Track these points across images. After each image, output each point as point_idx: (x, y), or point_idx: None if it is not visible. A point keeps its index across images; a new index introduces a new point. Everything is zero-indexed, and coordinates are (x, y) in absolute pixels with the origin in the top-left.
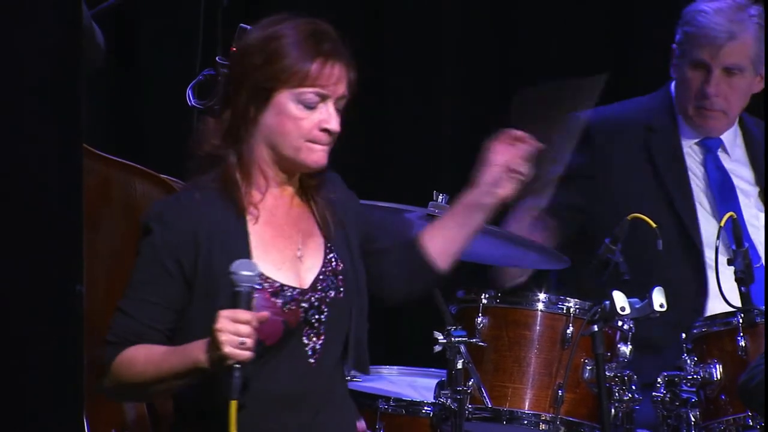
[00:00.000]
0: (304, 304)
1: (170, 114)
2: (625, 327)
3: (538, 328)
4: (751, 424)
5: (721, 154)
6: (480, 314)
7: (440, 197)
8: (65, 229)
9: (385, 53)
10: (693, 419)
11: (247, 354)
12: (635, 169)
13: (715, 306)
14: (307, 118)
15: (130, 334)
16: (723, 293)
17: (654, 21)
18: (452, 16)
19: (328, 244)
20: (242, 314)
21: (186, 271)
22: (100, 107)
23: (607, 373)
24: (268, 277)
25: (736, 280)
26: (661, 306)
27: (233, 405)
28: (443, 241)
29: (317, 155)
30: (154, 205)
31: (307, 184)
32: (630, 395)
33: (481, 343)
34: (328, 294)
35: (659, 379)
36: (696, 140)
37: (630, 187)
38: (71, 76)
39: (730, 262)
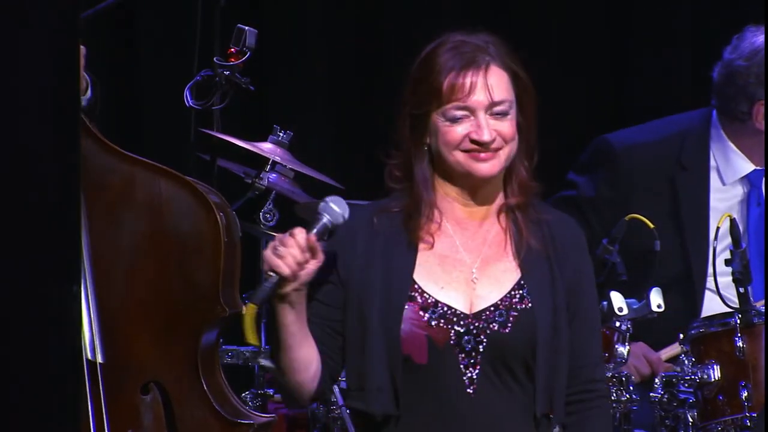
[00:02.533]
0: (458, 327)
1: (168, 114)
2: (623, 328)
3: None
4: (748, 424)
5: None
6: None
7: None
8: (63, 229)
9: (385, 52)
10: (691, 420)
11: (280, 264)
12: (657, 204)
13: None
14: (454, 130)
15: None
16: (720, 293)
17: (654, 21)
18: (453, 15)
19: (521, 281)
20: (298, 231)
21: (341, 277)
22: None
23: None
24: (423, 292)
25: (733, 280)
26: (659, 306)
27: (251, 308)
28: None
29: (480, 165)
30: None
31: (508, 204)
32: (627, 396)
33: None
34: (490, 326)
35: (657, 380)
36: (741, 174)
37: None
38: (70, 76)
39: (727, 263)
